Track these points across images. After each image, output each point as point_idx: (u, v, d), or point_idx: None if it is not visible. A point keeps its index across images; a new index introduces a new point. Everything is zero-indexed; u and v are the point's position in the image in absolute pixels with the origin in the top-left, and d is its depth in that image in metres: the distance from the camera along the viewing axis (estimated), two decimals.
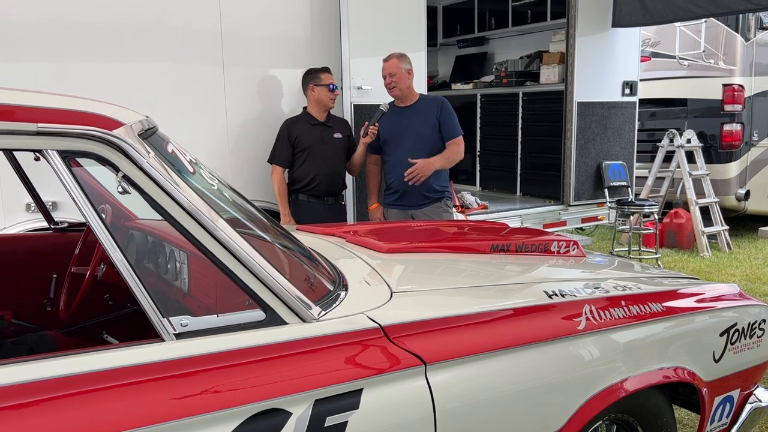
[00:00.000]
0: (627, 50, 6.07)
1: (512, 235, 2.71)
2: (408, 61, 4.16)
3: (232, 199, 1.84)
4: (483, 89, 7.10)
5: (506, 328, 1.78)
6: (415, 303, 1.82)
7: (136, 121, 1.47)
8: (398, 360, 1.58)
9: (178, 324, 1.40)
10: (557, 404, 1.81)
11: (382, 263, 2.17)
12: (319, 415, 1.43)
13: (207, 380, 1.36)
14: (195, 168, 1.64)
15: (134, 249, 1.96)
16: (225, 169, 4.33)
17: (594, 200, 6.12)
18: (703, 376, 2.21)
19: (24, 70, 3.58)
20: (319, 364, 1.49)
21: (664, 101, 8.21)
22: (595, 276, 2.39)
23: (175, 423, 1.27)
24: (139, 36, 3.92)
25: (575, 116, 5.85)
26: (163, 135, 1.67)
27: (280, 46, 4.45)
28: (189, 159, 1.66)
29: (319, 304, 1.62)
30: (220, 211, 1.54)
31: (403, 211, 4.19)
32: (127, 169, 1.38)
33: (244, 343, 1.44)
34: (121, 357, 1.31)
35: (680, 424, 3.13)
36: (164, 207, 1.41)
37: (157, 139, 1.57)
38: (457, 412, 1.63)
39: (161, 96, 4.05)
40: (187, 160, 1.62)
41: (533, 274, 2.27)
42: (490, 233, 2.79)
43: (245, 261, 1.48)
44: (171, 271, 1.76)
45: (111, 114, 1.41)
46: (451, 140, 4.11)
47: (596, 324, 1.95)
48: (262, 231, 1.81)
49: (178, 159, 1.55)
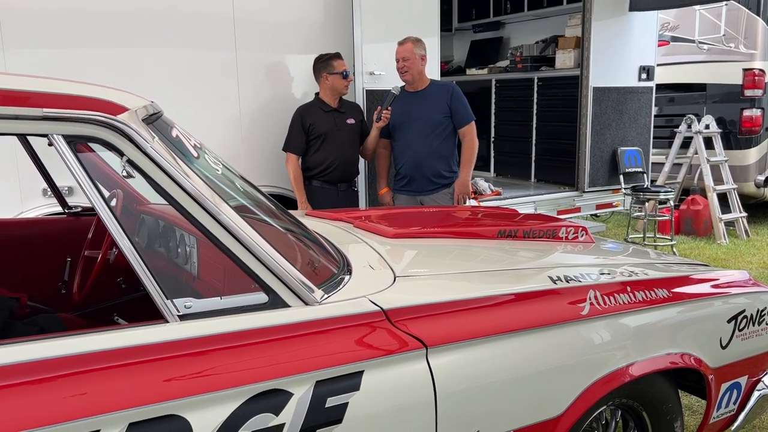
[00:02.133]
0: (644, 34, 5.99)
1: (520, 221, 2.71)
2: (423, 47, 4.16)
3: (237, 183, 1.86)
4: (498, 74, 7.05)
5: (508, 312, 1.79)
6: (418, 287, 1.83)
7: (141, 106, 1.49)
8: (399, 343, 1.60)
9: (182, 306, 1.43)
10: (558, 389, 1.82)
11: (387, 248, 2.18)
12: (320, 396, 1.46)
13: (209, 361, 1.39)
14: (199, 153, 1.67)
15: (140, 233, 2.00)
16: (238, 155, 4.37)
17: (609, 186, 6.08)
18: (710, 362, 2.20)
19: (36, 57, 3.62)
20: (321, 346, 1.51)
21: (683, 86, 8.09)
22: (602, 262, 2.39)
23: (177, 402, 1.31)
24: (152, 22, 3.95)
25: (590, 101, 5.80)
26: (168, 120, 1.70)
27: (293, 31, 4.45)
28: (193, 144, 1.68)
29: (321, 288, 1.64)
30: (224, 196, 1.56)
31: (411, 197, 4.20)
32: (131, 154, 1.40)
33: (246, 325, 1.46)
34: (125, 337, 1.35)
35: (690, 410, 3.13)
36: (168, 191, 1.44)
37: (161, 124, 1.59)
38: (457, 396, 1.64)
39: (174, 82, 4.07)
40: (192, 145, 1.64)
41: (539, 260, 2.28)
42: (497, 219, 2.79)
43: (248, 245, 1.50)
44: (176, 254, 1.79)
45: (115, 99, 1.43)
46: (463, 128, 4.12)
47: (600, 309, 1.95)
48: (266, 215, 1.83)
49: (183, 144, 1.57)
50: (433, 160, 4.14)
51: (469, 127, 4.15)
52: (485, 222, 2.63)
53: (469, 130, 4.15)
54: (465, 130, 4.14)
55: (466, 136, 4.15)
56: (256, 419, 1.38)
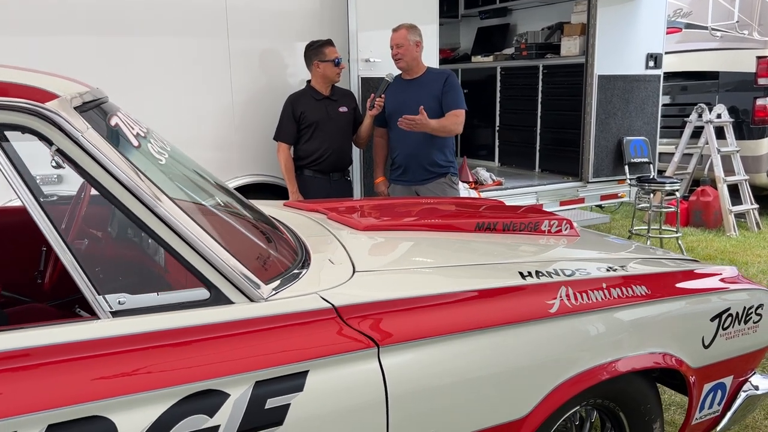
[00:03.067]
0: (652, 21, 5.82)
1: (502, 213, 2.62)
2: (418, 33, 4.06)
3: (188, 174, 1.80)
4: (503, 62, 6.92)
5: (468, 310, 1.71)
6: (376, 283, 1.77)
7: (74, 93, 1.43)
8: (348, 341, 1.53)
9: (115, 302, 1.38)
10: (523, 389, 1.75)
11: (354, 241, 2.11)
12: (259, 397, 1.40)
13: (140, 359, 1.33)
14: (141, 142, 1.60)
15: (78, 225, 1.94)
16: (231, 144, 4.32)
17: (614, 177, 5.94)
18: (691, 362, 2.11)
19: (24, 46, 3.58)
20: (263, 345, 1.45)
21: (696, 74, 7.90)
22: (582, 256, 2.30)
23: (101, 403, 1.25)
24: (143, 10, 3.89)
25: (595, 90, 5.66)
26: (110, 108, 1.63)
27: (287, 18, 4.38)
28: (137, 133, 1.62)
29: (271, 283, 1.58)
30: (167, 187, 1.50)
31: (407, 187, 4.12)
32: (61, 143, 1.34)
33: (182, 323, 1.41)
34: (49, 334, 1.30)
35: (682, 408, 3.03)
36: (101, 182, 1.38)
37: (99, 111, 1.53)
38: (411, 396, 1.58)
39: (166, 71, 4.03)
40: (134, 134, 1.58)
41: (513, 254, 2.20)
42: (479, 212, 2.70)
43: (188, 238, 1.44)
44: (111, 248, 1.74)
45: (45, 86, 1.37)
46: (450, 111, 3.96)
47: (571, 307, 1.87)
48: (218, 207, 1.77)
49: (121, 132, 1.51)
50: (428, 148, 4.05)
51: (457, 111, 3.94)
52: (465, 215, 2.55)
53: (455, 114, 3.93)
54: (452, 113, 3.93)
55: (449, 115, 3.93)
56: (188, 421, 1.32)
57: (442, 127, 3.91)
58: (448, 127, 3.94)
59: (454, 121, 3.94)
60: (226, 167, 4.33)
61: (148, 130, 1.76)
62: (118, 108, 1.71)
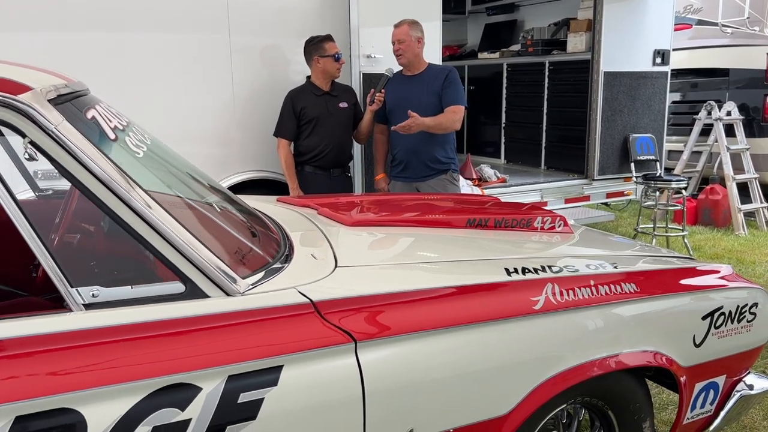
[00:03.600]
0: (659, 17, 5.76)
1: (494, 210, 2.60)
2: (419, 29, 4.04)
3: (167, 167, 1.80)
4: (509, 58, 6.88)
5: (449, 306, 1.70)
6: (357, 278, 1.75)
7: (49, 85, 1.43)
8: (325, 336, 1.52)
9: (88, 294, 1.38)
10: (504, 387, 1.73)
11: (340, 236, 2.10)
12: (232, 392, 1.39)
13: (112, 352, 1.33)
14: (119, 135, 1.60)
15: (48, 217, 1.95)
16: (232, 140, 4.32)
17: (620, 175, 5.89)
18: (681, 360, 2.09)
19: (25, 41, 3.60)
20: (237, 339, 1.45)
21: (706, 71, 7.81)
22: (572, 253, 2.28)
23: (71, 395, 1.25)
24: (144, 5, 3.90)
25: (601, 87, 5.61)
26: (89, 100, 1.63)
27: (288, 13, 4.37)
28: (115, 125, 1.62)
29: (248, 277, 1.57)
30: (143, 180, 1.49)
31: (407, 184, 4.11)
32: (34, 135, 1.34)
33: (156, 316, 1.40)
34: (20, 326, 1.30)
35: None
36: (74, 174, 1.38)
37: (76, 104, 1.53)
38: (389, 392, 1.57)
39: (166, 67, 4.03)
40: (111, 127, 1.58)
41: (501, 250, 2.18)
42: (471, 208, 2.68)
43: (163, 232, 1.43)
44: (87, 241, 1.74)
45: (18, 78, 1.37)
46: (449, 107, 3.93)
47: (556, 304, 1.84)
48: (197, 200, 1.77)
49: (97, 125, 1.51)
50: (429, 145, 4.03)
51: (455, 108, 3.90)
52: (456, 211, 2.53)
53: (454, 110, 3.89)
54: (450, 109, 3.89)
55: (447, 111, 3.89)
56: (158, 414, 1.32)
57: (438, 123, 3.87)
58: (444, 124, 3.90)
59: (452, 117, 3.90)
60: (228, 163, 4.34)
61: (128, 123, 1.75)
62: (98, 101, 1.71)
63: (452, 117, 3.90)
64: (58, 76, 1.59)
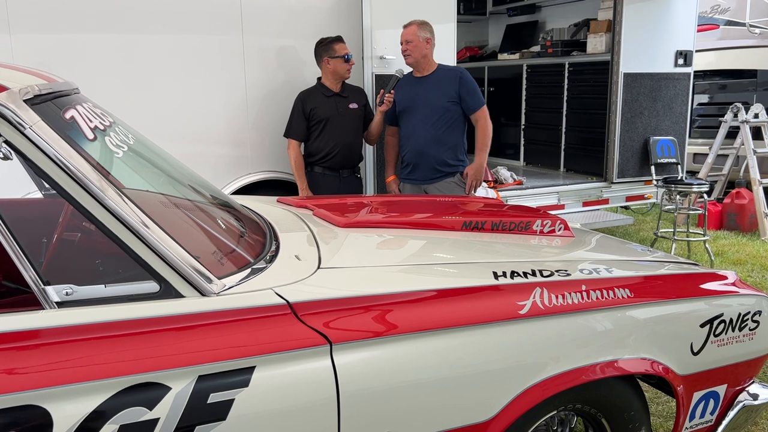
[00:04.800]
0: (682, 17, 5.64)
1: (493, 212, 2.57)
2: (428, 30, 4.02)
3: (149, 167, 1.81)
4: (529, 59, 6.81)
5: (430, 310, 1.67)
6: (338, 279, 1.74)
7: (27, 86, 1.44)
8: (300, 338, 1.51)
9: (61, 292, 1.39)
10: (487, 391, 1.70)
11: (329, 237, 2.09)
12: (202, 392, 1.39)
13: (81, 350, 1.34)
14: (98, 134, 1.61)
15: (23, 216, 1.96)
16: (245, 140, 4.35)
17: (640, 178, 5.79)
18: (678, 369, 2.03)
19: (42, 42, 3.67)
20: (209, 340, 1.45)
21: (733, 72, 7.63)
22: (568, 258, 2.23)
23: (37, 392, 1.26)
24: (158, 7, 3.95)
25: (621, 88, 5.52)
26: (72, 100, 1.65)
27: (301, 14, 4.39)
28: (95, 125, 1.63)
29: (226, 277, 1.57)
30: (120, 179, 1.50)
31: (415, 185, 4.09)
32: (8, 135, 1.36)
33: (127, 314, 1.41)
34: None
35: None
36: (49, 174, 1.39)
37: (57, 104, 1.54)
38: (364, 396, 1.55)
39: (180, 68, 4.08)
40: (91, 127, 1.59)
41: (493, 254, 2.14)
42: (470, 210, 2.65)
43: (137, 231, 1.44)
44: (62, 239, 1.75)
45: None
46: (475, 113, 3.97)
47: (544, 309, 1.81)
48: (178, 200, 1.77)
49: (75, 125, 1.53)
50: (438, 147, 4.01)
51: (481, 112, 4.00)
52: (453, 213, 2.50)
53: (481, 114, 4.00)
54: (477, 115, 3.99)
55: (479, 120, 4.00)
56: (126, 413, 1.33)
57: (485, 146, 4.05)
58: (487, 141, 4.05)
59: (485, 125, 4.02)
60: (241, 164, 4.37)
61: (111, 124, 1.77)
62: (83, 100, 1.73)
63: (485, 128, 4.03)
64: (41, 77, 1.61)
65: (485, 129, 4.01)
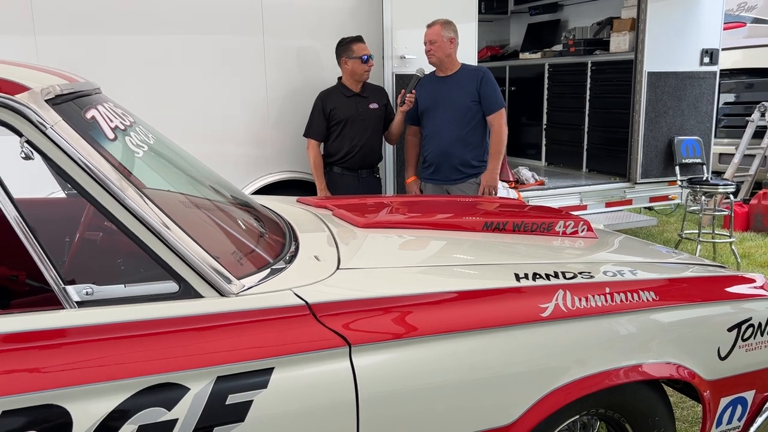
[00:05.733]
0: (708, 14, 5.54)
1: (515, 213, 2.53)
2: (452, 30, 3.99)
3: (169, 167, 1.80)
4: (551, 59, 6.74)
5: (450, 312, 1.65)
6: (357, 280, 1.73)
7: (48, 85, 1.45)
8: (319, 339, 1.50)
9: (82, 292, 1.39)
10: (508, 395, 1.68)
11: (349, 238, 2.08)
12: (220, 393, 1.39)
13: (101, 350, 1.34)
14: (119, 134, 1.62)
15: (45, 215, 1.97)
16: (265, 140, 4.36)
17: (664, 178, 5.69)
18: (704, 374, 1.98)
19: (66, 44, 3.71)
20: (228, 340, 1.44)
21: (761, 71, 7.49)
22: (592, 260, 2.19)
23: (57, 391, 1.27)
24: (178, 7, 3.97)
25: (645, 87, 5.44)
26: (93, 100, 1.65)
27: (322, 14, 4.38)
28: (116, 125, 1.63)
29: (246, 278, 1.57)
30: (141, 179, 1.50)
31: (437, 186, 4.06)
32: (30, 135, 1.37)
33: (146, 315, 1.41)
34: (11, 323, 1.32)
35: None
36: (69, 173, 1.40)
37: (78, 103, 1.55)
38: (384, 399, 1.53)
39: (201, 69, 4.09)
40: (111, 127, 1.59)
41: (514, 255, 2.11)
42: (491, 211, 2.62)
43: (157, 231, 1.44)
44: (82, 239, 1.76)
45: (16, 78, 1.39)
46: (492, 115, 3.92)
47: (567, 312, 1.78)
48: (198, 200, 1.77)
49: (96, 125, 1.53)
50: (461, 148, 3.98)
51: (498, 115, 3.95)
52: (474, 213, 2.48)
53: (497, 117, 3.95)
54: (493, 117, 3.95)
55: (494, 124, 3.95)
56: (145, 413, 1.32)
57: (498, 149, 3.97)
58: (501, 148, 3.98)
59: (500, 130, 3.96)
60: (261, 164, 4.38)
61: (131, 123, 1.77)
62: (104, 100, 1.73)
63: (500, 128, 3.96)
64: (63, 77, 1.61)
65: (500, 134, 3.94)
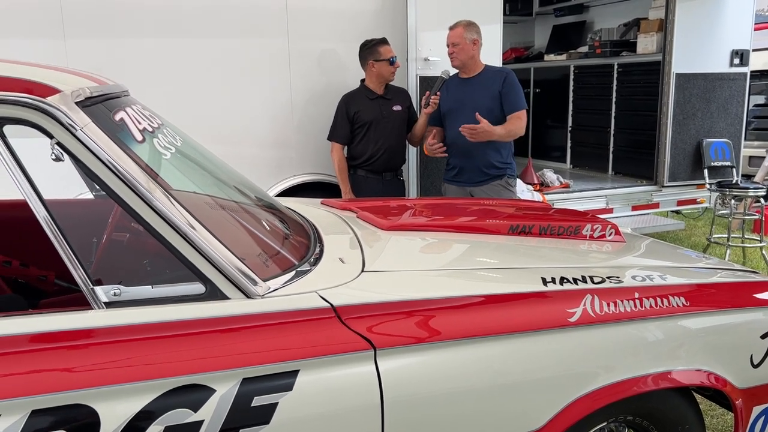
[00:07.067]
0: (738, 15, 5.45)
1: (541, 216, 2.51)
2: (475, 31, 3.96)
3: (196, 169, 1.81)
4: (576, 60, 6.68)
5: (476, 316, 1.63)
6: (383, 283, 1.72)
7: (77, 88, 1.46)
8: (344, 342, 1.49)
9: (110, 293, 1.40)
10: (535, 401, 1.66)
11: (373, 240, 2.07)
12: (246, 395, 1.39)
13: (129, 351, 1.35)
14: (147, 136, 1.63)
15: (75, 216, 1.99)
16: (289, 143, 4.37)
17: (692, 181, 5.60)
18: (737, 382, 1.94)
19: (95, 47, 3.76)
20: (254, 342, 1.44)
21: None
22: (620, 264, 2.16)
23: (85, 391, 1.28)
24: (204, 11, 4.01)
25: (672, 89, 5.36)
26: (121, 102, 1.67)
27: (346, 17, 4.39)
28: (144, 128, 1.65)
29: (271, 280, 1.57)
30: (168, 181, 1.51)
31: (461, 188, 4.04)
32: (60, 137, 1.38)
33: (173, 316, 1.42)
34: (42, 323, 1.33)
35: None
36: (99, 175, 1.41)
37: (107, 106, 1.56)
38: (409, 403, 1.52)
39: (226, 72, 4.12)
40: (140, 129, 1.61)
41: (541, 259, 2.09)
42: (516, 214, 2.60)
43: (184, 232, 1.44)
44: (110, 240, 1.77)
45: (47, 81, 1.41)
46: (513, 113, 3.88)
47: (595, 317, 1.75)
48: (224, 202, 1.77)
49: (124, 127, 1.54)
50: (485, 149, 3.94)
51: (519, 114, 3.86)
52: (499, 216, 2.46)
53: (518, 116, 3.85)
54: (514, 116, 3.85)
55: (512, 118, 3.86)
56: (171, 414, 1.33)
57: (509, 132, 3.83)
58: (514, 131, 3.85)
59: (519, 125, 3.85)
60: (285, 166, 4.39)
61: (159, 125, 1.78)
62: (132, 103, 1.75)
63: (519, 124, 3.85)
64: (92, 79, 1.63)
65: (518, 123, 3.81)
